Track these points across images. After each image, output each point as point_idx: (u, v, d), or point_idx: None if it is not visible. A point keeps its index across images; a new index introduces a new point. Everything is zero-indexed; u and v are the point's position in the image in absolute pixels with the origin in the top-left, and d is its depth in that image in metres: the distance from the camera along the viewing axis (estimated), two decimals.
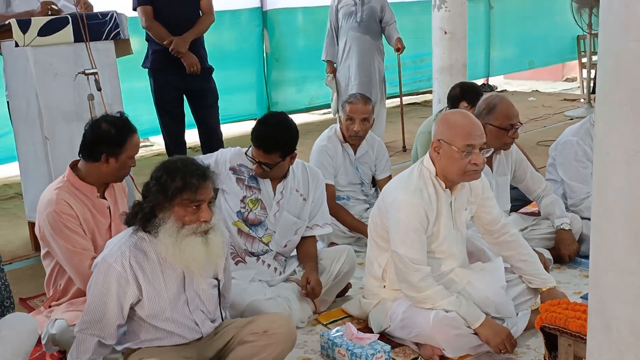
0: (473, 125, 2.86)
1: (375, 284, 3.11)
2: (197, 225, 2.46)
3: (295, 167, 3.47)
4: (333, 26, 6.70)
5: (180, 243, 2.45)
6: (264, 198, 3.40)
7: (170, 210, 2.45)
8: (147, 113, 6.24)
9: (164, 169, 2.48)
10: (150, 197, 2.47)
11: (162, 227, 2.46)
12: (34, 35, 3.84)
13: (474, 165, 2.83)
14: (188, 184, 2.42)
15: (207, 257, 2.50)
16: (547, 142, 6.70)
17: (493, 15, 10.78)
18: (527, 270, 3.08)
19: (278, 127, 3.29)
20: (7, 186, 6.19)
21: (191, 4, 5.00)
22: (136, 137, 3.07)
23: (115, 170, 3.04)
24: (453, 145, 2.83)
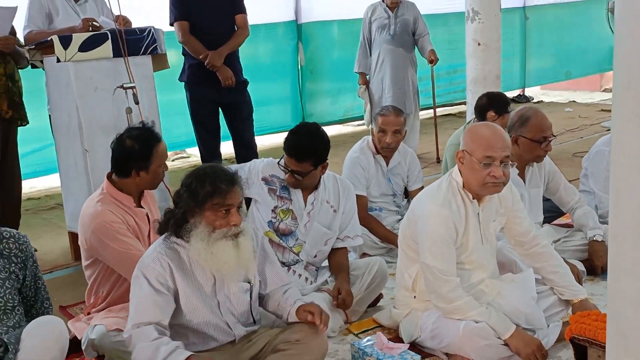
0: (495, 137, 2.87)
1: (405, 294, 3.14)
2: (228, 229, 2.55)
3: (327, 178, 3.52)
4: (366, 38, 6.77)
5: (212, 247, 2.54)
6: (295, 208, 3.45)
7: (201, 215, 2.54)
8: (184, 125, 6.38)
9: (194, 176, 2.58)
10: (181, 204, 2.57)
11: (194, 232, 2.55)
12: (75, 50, 3.98)
13: (493, 177, 2.83)
14: (217, 188, 2.51)
15: (238, 260, 2.58)
16: (583, 153, 6.61)
17: (529, 25, 10.73)
18: (559, 282, 3.08)
19: (310, 136, 3.36)
20: (48, 197, 6.36)
21: (226, 18, 5.10)
22: (161, 146, 3.15)
23: (149, 180, 3.14)
24: (473, 156, 2.86)
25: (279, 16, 8.09)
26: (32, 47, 4.27)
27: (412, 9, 6.76)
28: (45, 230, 5.33)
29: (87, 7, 4.64)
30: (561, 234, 3.96)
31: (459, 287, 2.88)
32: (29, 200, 6.16)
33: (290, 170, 3.36)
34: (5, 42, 4.24)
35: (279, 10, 8.06)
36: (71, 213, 4.37)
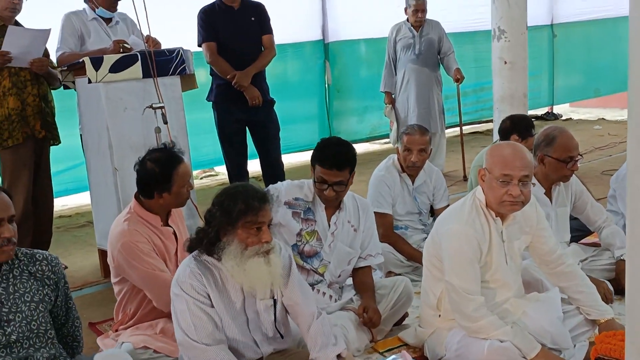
0: (515, 156, 2.87)
1: (430, 313, 3.14)
2: (260, 247, 2.59)
3: (347, 198, 3.52)
4: (391, 58, 6.82)
5: (244, 264, 2.58)
6: (320, 229, 3.46)
7: (233, 233, 2.58)
8: (212, 144, 6.45)
9: (226, 195, 2.62)
10: (214, 222, 2.60)
11: (226, 250, 2.59)
12: (106, 72, 4.06)
13: (510, 196, 2.83)
14: (250, 206, 2.54)
15: (270, 276, 2.62)
16: (612, 171, 6.55)
17: (557, 43, 10.68)
18: (585, 301, 3.06)
19: (343, 145, 3.40)
20: (79, 215, 6.46)
21: (253, 39, 5.18)
22: (182, 167, 3.17)
23: (173, 200, 3.18)
24: (492, 174, 2.87)
25: (306, 35, 8.17)
26: (65, 68, 4.38)
27: (436, 27, 6.80)
28: (76, 247, 5.42)
29: (118, 28, 4.74)
30: (588, 253, 3.94)
31: (484, 306, 2.87)
32: (60, 218, 6.27)
33: (330, 184, 3.32)
34: (39, 64, 4.36)
35: (307, 29, 8.14)
36: (101, 231, 4.45)
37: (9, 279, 2.49)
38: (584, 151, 7.53)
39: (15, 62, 4.29)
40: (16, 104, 4.38)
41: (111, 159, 4.15)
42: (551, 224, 3.67)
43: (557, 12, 10.59)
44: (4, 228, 2.40)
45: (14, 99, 4.38)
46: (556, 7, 10.57)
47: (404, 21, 6.81)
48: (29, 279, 2.52)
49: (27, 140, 4.45)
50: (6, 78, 4.36)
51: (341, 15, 8.35)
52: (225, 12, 5.16)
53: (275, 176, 5.25)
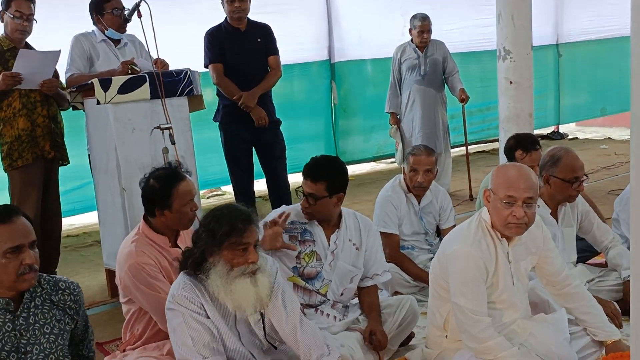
0: (519, 177, 2.87)
1: (437, 333, 3.14)
2: (245, 267, 2.62)
3: (347, 216, 3.53)
4: (396, 78, 6.84)
5: (231, 284, 2.61)
6: (319, 249, 3.45)
7: (219, 254, 2.62)
8: (218, 163, 6.48)
9: (211, 216, 2.67)
10: (200, 243, 2.65)
11: (213, 270, 2.63)
12: (114, 93, 4.11)
13: (514, 217, 2.84)
14: (234, 228, 2.58)
15: (256, 296, 2.65)
16: (619, 191, 6.56)
17: (562, 62, 10.71)
18: (592, 322, 3.06)
19: (326, 159, 3.45)
20: (86, 234, 6.48)
21: (260, 60, 5.24)
22: (183, 185, 3.17)
23: (176, 219, 3.18)
24: (496, 195, 2.88)
25: (313, 56, 8.21)
26: (74, 89, 4.42)
27: (441, 47, 6.83)
28: (83, 267, 5.43)
29: (126, 50, 4.79)
30: (595, 273, 3.93)
31: (491, 327, 2.87)
32: (68, 237, 6.29)
33: (305, 194, 3.35)
34: (49, 85, 4.40)
35: (313, 50, 8.19)
36: (109, 250, 4.47)
37: (29, 309, 2.45)
38: (590, 171, 7.52)
39: (25, 84, 4.34)
40: (26, 124, 4.43)
41: (119, 179, 4.18)
42: (557, 245, 3.68)
43: (562, 31, 10.62)
44: (25, 254, 2.36)
45: (24, 119, 4.42)
46: (561, 26, 10.60)
47: (409, 42, 6.84)
48: (51, 308, 2.49)
49: (36, 161, 4.49)
50: (16, 99, 4.41)
51: (347, 36, 8.40)
52: (231, 33, 5.21)
53: (281, 196, 5.28)
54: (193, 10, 6.97)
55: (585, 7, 10.59)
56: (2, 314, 2.40)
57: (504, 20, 6.30)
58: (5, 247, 2.33)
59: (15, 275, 2.35)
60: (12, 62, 4.35)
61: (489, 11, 7.57)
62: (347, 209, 3.59)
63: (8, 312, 2.41)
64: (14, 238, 2.35)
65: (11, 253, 2.34)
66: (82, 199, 6.44)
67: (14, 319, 2.41)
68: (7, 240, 2.34)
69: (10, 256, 2.34)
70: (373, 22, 8.49)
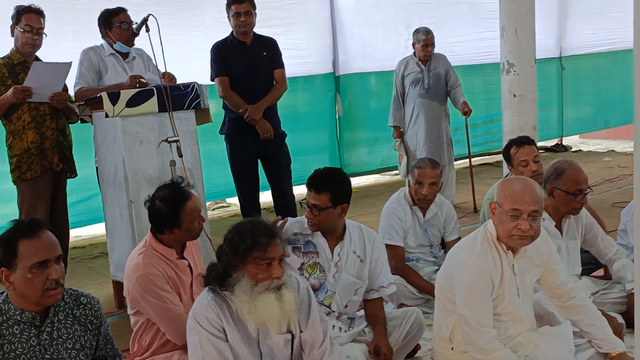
0: (524, 191, 2.92)
1: (443, 345, 3.17)
2: (270, 282, 2.60)
3: (352, 228, 3.55)
4: (399, 92, 6.87)
5: (255, 300, 2.59)
6: (322, 260, 3.47)
7: (243, 270, 2.61)
8: (223, 175, 6.53)
9: (235, 231, 2.65)
10: (223, 258, 2.64)
11: (237, 286, 2.61)
12: (123, 106, 4.15)
13: (519, 230, 2.88)
14: (257, 243, 2.57)
15: (281, 312, 2.63)
16: (623, 203, 6.59)
17: (565, 75, 10.76)
18: (596, 334, 3.09)
19: (329, 170, 3.49)
20: (92, 246, 6.52)
21: (265, 73, 5.29)
22: (190, 204, 3.21)
23: (185, 235, 3.23)
24: (502, 208, 2.92)
25: (317, 69, 8.27)
26: (82, 102, 4.46)
27: (443, 61, 6.86)
28: (90, 278, 5.47)
29: (134, 64, 4.84)
30: (599, 286, 3.96)
31: (496, 339, 2.90)
32: (74, 249, 6.32)
33: (309, 205, 3.38)
34: (59, 98, 4.45)
35: (318, 63, 8.24)
36: (116, 262, 4.50)
37: (53, 323, 2.46)
38: (594, 183, 7.55)
39: (36, 97, 4.39)
40: (35, 137, 4.48)
41: (127, 191, 4.21)
42: (562, 257, 3.70)
43: (565, 44, 10.67)
44: (51, 269, 2.36)
45: (33, 132, 4.47)
46: (564, 39, 10.66)
47: (411, 56, 6.87)
48: (73, 323, 2.50)
49: (45, 173, 4.54)
50: (26, 112, 4.46)
51: (351, 49, 8.45)
52: (237, 47, 5.27)
53: (286, 207, 5.32)
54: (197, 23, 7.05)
55: (588, 21, 10.66)
56: (27, 328, 2.41)
57: (507, 34, 6.36)
58: (31, 262, 2.33)
59: (41, 290, 2.35)
60: (23, 75, 4.41)
61: (492, 24, 7.63)
62: (352, 221, 3.62)
63: (33, 327, 2.41)
64: (40, 253, 2.35)
65: (37, 268, 2.34)
66: (89, 211, 6.47)
67: (38, 334, 2.42)
68: (33, 255, 2.34)
69: (37, 271, 2.34)
70: (377, 35, 8.56)
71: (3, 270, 2.37)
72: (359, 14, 8.41)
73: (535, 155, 4.54)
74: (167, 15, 5.97)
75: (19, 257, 2.34)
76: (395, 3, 8.60)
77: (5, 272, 2.36)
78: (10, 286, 2.38)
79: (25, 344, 2.40)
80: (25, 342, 2.40)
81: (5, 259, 2.36)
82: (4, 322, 2.39)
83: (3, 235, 2.40)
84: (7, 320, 2.39)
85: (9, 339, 2.38)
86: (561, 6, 10.46)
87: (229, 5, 5.22)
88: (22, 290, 2.37)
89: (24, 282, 2.34)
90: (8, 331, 2.39)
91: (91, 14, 5.34)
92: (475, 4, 9.20)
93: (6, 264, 2.36)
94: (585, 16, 10.63)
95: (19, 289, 2.37)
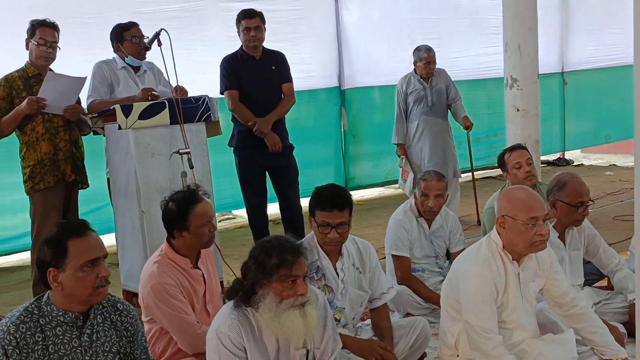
0: (532, 198, 3.04)
1: (448, 353, 3.24)
2: (295, 299, 2.65)
3: (347, 242, 3.56)
4: (402, 109, 6.85)
5: (280, 317, 2.64)
6: (329, 281, 3.50)
7: (269, 287, 2.65)
8: (230, 187, 6.60)
9: (261, 248, 2.70)
10: (249, 275, 2.69)
11: (262, 303, 2.66)
12: (135, 118, 4.23)
13: (540, 236, 2.99)
14: (284, 260, 2.62)
15: (305, 328, 2.68)
16: (624, 217, 6.68)
17: (567, 90, 10.87)
18: (598, 341, 3.17)
19: (337, 187, 3.53)
20: None
21: (274, 87, 5.39)
22: (199, 207, 3.28)
23: (194, 240, 3.29)
24: (517, 220, 3.00)
25: (323, 83, 8.36)
26: (95, 115, 4.54)
27: (444, 76, 6.88)
28: None
29: (145, 77, 4.94)
30: (602, 296, 4.03)
31: (502, 345, 2.98)
32: None
33: (333, 225, 3.36)
34: (72, 111, 4.55)
35: (324, 77, 8.35)
36: (126, 272, 4.55)
37: (93, 326, 2.49)
38: (596, 197, 7.59)
39: (50, 109, 4.49)
40: (49, 148, 4.57)
41: (138, 202, 4.28)
42: (565, 267, 3.79)
43: (567, 60, 10.79)
44: (101, 267, 2.40)
45: (46, 144, 4.57)
46: (567, 55, 10.77)
47: (412, 73, 6.85)
48: (110, 327, 2.53)
49: (57, 184, 4.62)
50: (40, 124, 4.56)
51: (357, 63, 8.55)
52: (247, 61, 5.36)
53: (293, 220, 5.41)
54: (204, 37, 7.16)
55: (590, 37, 10.77)
56: (70, 329, 2.45)
57: (510, 49, 6.45)
58: (83, 260, 2.37)
59: (91, 288, 2.39)
60: (37, 88, 4.51)
61: (495, 40, 7.73)
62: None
63: (75, 328, 2.46)
64: (91, 251, 2.39)
65: (88, 266, 2.38)
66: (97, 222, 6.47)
67: (80, 335, 2.46)
68: (85, 253, 2.38)
69: (87, 269, 2.38)
70: (382, 50, 8.66)
71: (51, 270, 2.39)
72: (364, 29, 8.52)
73: (528, 158, 4.70)
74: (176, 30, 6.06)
75: (69, 257, 2.37)
76: (399, 19, 8.71)
77: (53, 272, 2.39)
78: (58, 286, 2.40)
79: (68, 344, 2.44)
80: (68, 343, 2.44)
81: (54, 259, 2.39)
82: (47, 323, 2.42)
83: (52, 236, 2.43)
84: (50, 322, 2.43)
85: (52, 340, 2.41)
86: (563, 22, 10.58)
87: (239, 20, 5.32)
88: (72, 289, 2.39)
89: (74, 280, 2.37)
90: (52, 332, 2.42)
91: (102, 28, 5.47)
92: (478, 20, 9.32)
93: (55, 264, 2.39)
94: (587, 32, 10.75)
95: (67, 288, 2.39)
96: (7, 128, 4.55)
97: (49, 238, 2.44)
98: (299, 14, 7.83)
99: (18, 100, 4.53)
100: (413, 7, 8.77)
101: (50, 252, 2.40)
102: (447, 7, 9.10)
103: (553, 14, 10.30)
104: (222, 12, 7.12)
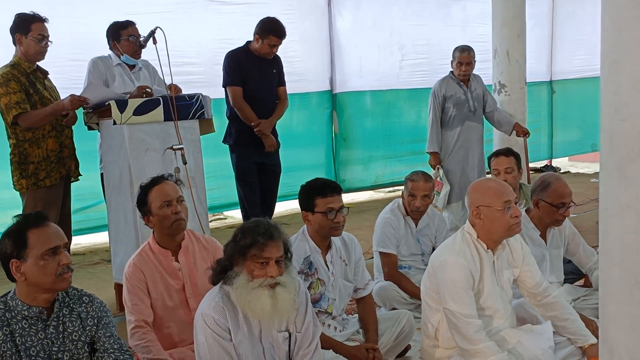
0: (501, 184, 3.25)
1: (430, 343, 3.36)
2: (264, 279, 2.76)
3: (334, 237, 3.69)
4: (437, 115, 6.28)
5: (249, 294, 2.76)
6: (321, 275, 3.62)
7: (242, 265, 2.79)
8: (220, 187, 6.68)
9: (241, 229, 2.86)
10: (227, 252, 2.84)
11: (236, 279, 2.79)
12: (130, 114, 4.31)
13: (516, 218, 3.15)
14: (256, 241, 2.76)
15: (273, 309, 2.77)
16: None
17: (555, 98, 11.04)
18: (570, 328, 3.34)
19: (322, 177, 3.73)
20: (92, 253, 6.65)
21: (273, 89, 5.54)
22: (156, 188, 3.34)
23: (159, 224, 3.34)
24: (493, 207, 3.14)
25: (315, 86, 8.47)
26: (90, 110, 4.60)
27: (480, 82, 6.44)
28: (91, 282, 5.59)
29: (140, 75, 5.02)
30: (580, 293, 4.16)
31: (482, 330, 3.10)
32: (74, 255, 6.42)
33: (338, 209, 3.50)
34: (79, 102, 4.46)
35: (316, 81, 8.45)
36: (119, 265, 4.61)
37: (59, 317, 2.59)
38: (581, 202, 7.76)
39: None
40: (55, 145, 4.63)
41: (132, 197, 4.32)
42: (546, 265, 3.92)
43: (555, 69, 10.97)
44: (62, 255, 2.51)
45: (53, 140, 4.62)
46: (555, 64, 10.95)
47: (450, 76, 6.32)
48: (77, 319, 2.62)
49: (61, 180, 4.68)
50: None
51: (348, 68, 8.67)
52: (255, 61, 5.41)
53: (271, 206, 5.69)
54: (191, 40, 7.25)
55: (578, 47, 10.95)
56: (34, 323, 2.55)
57: (499, 56, 6.62)
58: (43, 249, 2.49)
59: (54, 275, 2.50)
60: (40, 82, 4.56)
61: (484, 47, 7.86)
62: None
63: (40, 321, 2.56)
64: (51, 240, 2.51)
65: (49, 255, 2.50)
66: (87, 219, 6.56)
67: (45, 328, 2.56)
68: (45, 242, 2.50)
69: (49, 258, 2.49)
70: (373, 55, 8.78)
71: (13, 262, 2.50)
72: (356, 34, 8.64)
73: (508, 167, 4.84)
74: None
75: (29, 247, 2.48)
76: (390, 25, 8.84)
77: (15, 263, 2.49)
78: (22, 277, 2.50)
79: (35, 336, 2.54)
80: (34, 335, 2.54)
81: (15, 250, 2.49)
82: (13, 317, 2.53)
83: (11, 229, 2.54)
84: (15, 316, 2.53)
85: (20, 332, 2.52)
86: (552, 32, 10.77)
87: (266, 33, 5.32)
88: (35, 278, 2.49)
89: (37, 269, 2.48)
90: (18, 325, 2.53)
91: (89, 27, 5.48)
92: (468, 27, 9.46)
93: (16, 255, 2.49)
94: (576, 42, 10.93)
95: (31, 278, 2.50)
96: (43, 120, 4.50)
97: (9, 231, 2.53)
98: (292, 18, 7.93)
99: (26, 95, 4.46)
100: (405, 15, 8.91)
101: (11, 244, 2.50)
102: (438, 16, 9.26)
103: (543, 24, 10.50)
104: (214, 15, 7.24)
